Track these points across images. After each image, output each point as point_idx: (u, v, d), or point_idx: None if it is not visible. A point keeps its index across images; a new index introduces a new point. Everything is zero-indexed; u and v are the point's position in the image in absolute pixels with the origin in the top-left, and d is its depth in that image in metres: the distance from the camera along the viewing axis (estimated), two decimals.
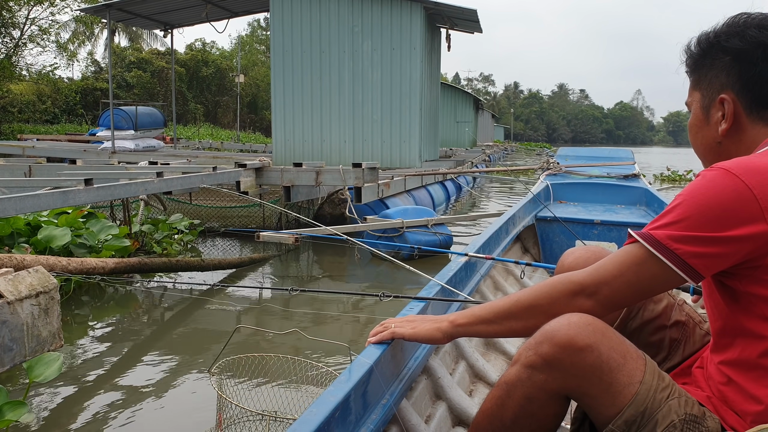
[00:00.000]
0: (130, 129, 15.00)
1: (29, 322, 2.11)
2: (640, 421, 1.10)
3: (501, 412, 1.23)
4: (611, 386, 1.12)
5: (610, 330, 1.16)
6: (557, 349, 1.13)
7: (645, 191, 5.06)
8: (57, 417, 2.90)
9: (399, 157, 11.37)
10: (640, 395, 1.11)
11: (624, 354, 1.14)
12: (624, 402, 1.11)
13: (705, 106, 1.23)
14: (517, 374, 1.20)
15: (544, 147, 51.70)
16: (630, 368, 1.13)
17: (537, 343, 1.17)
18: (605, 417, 1.14)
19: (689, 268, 1.07)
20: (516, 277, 3.71)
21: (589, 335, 1.13)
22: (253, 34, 51.13)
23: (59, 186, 5.01)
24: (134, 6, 12.19)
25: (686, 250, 1.07)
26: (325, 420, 1.20)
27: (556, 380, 1.15)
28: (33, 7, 22.19)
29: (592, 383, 1.13)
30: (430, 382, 1.98)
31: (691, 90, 1.27)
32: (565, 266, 1.65)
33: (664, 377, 1.17)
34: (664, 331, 1.49)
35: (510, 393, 1.21)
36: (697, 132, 1.26)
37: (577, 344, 1.12)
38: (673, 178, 18.82)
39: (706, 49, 1.22)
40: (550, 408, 1.20)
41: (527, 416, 1.21)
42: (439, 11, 11.56)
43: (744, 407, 1.13)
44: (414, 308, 1.92)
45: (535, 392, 1.18)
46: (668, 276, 1.10)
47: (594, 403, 1.15)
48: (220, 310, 4.72)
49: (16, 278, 2.11)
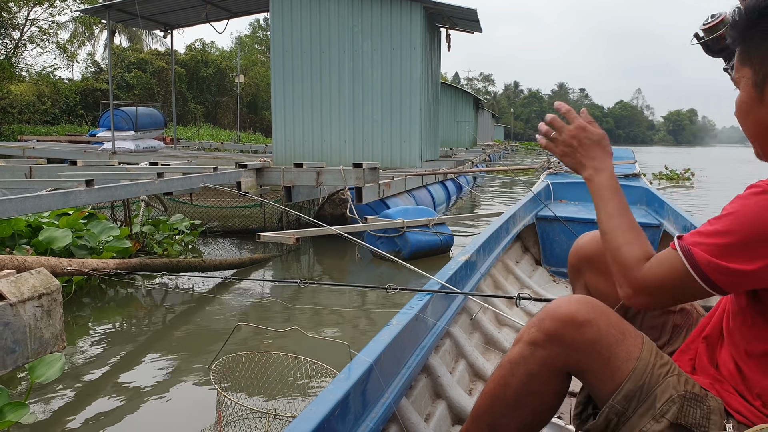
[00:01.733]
0: (130, 130, 15.00)
1: (32, 324, 2.11)
2: (639, 396, 1.13)
3: (504, 391, 1.26)
4: (610, 361, 1.15)
5: (609, 309, 1.22)
6: (558, 324, 1.18)
7: (645, 191, 5.05)
8: (58, 417, 2.91)
9: (399, 157, 11.37)
10: (638, 370, 1.14)
11: (623, 331, 1.18)
12: (622, 377, 1.14)
13: (758, 82, 1.08)
14: (519, 352, 1.24)
15: None
16: (628, 344, 1.17)
17: (539, 320, 1.22)
18: (605, 393, 1.17)
19: (716, 285, 1.06)
20: (516, 275, 3.71)
21: (589, 311, 1.18)
22: (253, 35, 51.13)
23: (60, 187, 5.01)
24: (134, 7, 12.19)
25: (716, 268, 1.04)
26: (324, 418, 1.21)
27: (558, 355, 1.19)
28: (33, 8, 22.20)
29: (591, 358, 1.16)
30: (430, 380, 1.99)
31: (738, 65, 1.12)
32: (578, 246, 1.70)
33: (663, 356, 1.19)
34: (668, 316, 1.51)
35: (513, 371, 1.24)
36: (749, 112, 1.12)
37: (578, 319, 1.17)
38: (671, 176, 18.82)
39: (756, 20, 1.07)
40: (552, 384, 1.23)
41: (529, 393, 1.23)
42: (439, 11, 11.56)
43: (753, 393, 1.13)
44: (418, 303, 1.93)
45: (538, 368, 1.21)
46: (699, 288, 1.08)
47: (594, 379, 1.19)
48: (221, 310, 4.73)
49: (18, 280, 2.11)
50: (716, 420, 1.12)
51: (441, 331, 2.14)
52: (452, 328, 2.34)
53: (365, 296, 5.04)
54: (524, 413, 1.25)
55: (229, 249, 7.20)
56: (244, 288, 5.36)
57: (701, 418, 1.11)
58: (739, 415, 1.13)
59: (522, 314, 3.04)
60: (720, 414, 1.12)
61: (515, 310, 3.04)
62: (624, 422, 1.15)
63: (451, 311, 2.33)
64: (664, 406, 1.12)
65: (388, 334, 1.66)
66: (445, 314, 2.26)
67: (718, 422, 1.12)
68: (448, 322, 2.26)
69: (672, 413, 1.11)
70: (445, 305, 2.28)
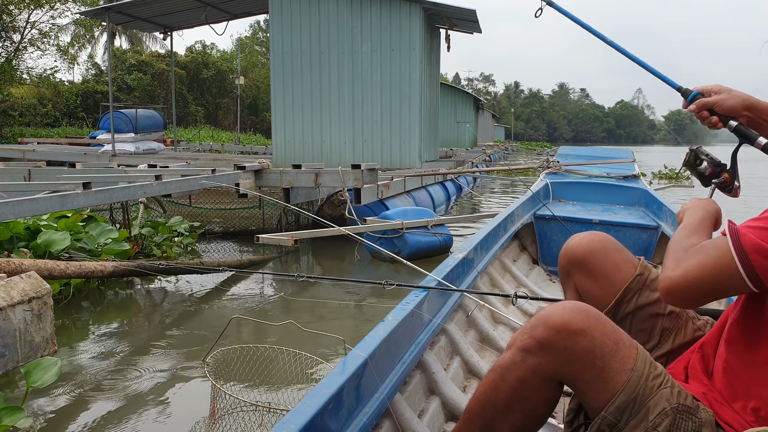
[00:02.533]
0: (131, 132, 15.01)
1: (21, 328, 2.11)
2: (632, 408, 1.11)
3: (494, 396, 1.25)
4: (603, 371, 1.13)
5: (604, 318, 1.19)
6: (551, 332, 1.16)
7: (644, 192, 5.06)
8: (55, 421, 2.91)
9: (399, 157, 11.38)
10: (632, 382, 1.12)
11: (617, 341, 1.16)
12: (616, 388, 1.12)
13: None
14: (511, 357, 1.22)
15: (545, 146, 51.67)
16: (623, 355, 1.14)
17: (532, 327, 1.20)
18: (598, 404, 1.15)
19: (755, 273, 1.03)
20: (513, 273, 3.71)
21: (583, 320, 1.15)
22: (253, 36, 51.16)
23: (58, 189, 5.02)
24: (133, 9, 12.21)
25: (761, 250, 1.02)
26: (318, 411, 1.21)
27: (549, 364, 1.17)
28: (33, 10, 22.23)
29: (585, 367, 1.14)
30: (425, 376, 1.99)
31: None
32: (569, 247, 1.68)
33: (657, 366, 1.17)
34: (657, 319, 1.50)
35: (504, 376, 1.23)
36: None
37: (571, 328, 1.14)
38: (670, 176, 18.80)
39: None
40: (543, 392, 1.21)
41: (520, 399, 1.22)
42: (438, 12, 11.57)
43: (749, 406, 1.12)
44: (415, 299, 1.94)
45: (529, 375, 1.19)
46: (737, 277, 1.05)
47: (587, 389, 1.16)
48: (218, 309, 4.74)
49: (8, 284, 2.12)
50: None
51: (436, 327, 2.15)
52: (448, 325, 2.35)
53: (362, 293, 5.05)
54: (515, 418, 1.24)
55: (228, 251, 7.21)
56: (244, 288, 5.37)
57: (692, 430, 1.10)
58: (729, 428, 1.12)
59: (518, 313, 3.05)
60: (711, 427, 1.11)
61: (511, 309, 3.04)
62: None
63: (447, 308, 2.34)
64: (656, 419, 1.10)
65: (384, 329, 1.66)
66: (441, 311, 2.26)
67: None
68: (443, 319, 2.26)
69: (664, 426, 1.10)
70: (441, 302, 2.29)
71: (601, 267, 1.59)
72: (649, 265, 1.61)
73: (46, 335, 2.27)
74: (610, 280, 1.57)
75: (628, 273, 1.57)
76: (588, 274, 1.61)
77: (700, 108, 1.44)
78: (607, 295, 1.56)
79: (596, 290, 1.58)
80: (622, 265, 1.59)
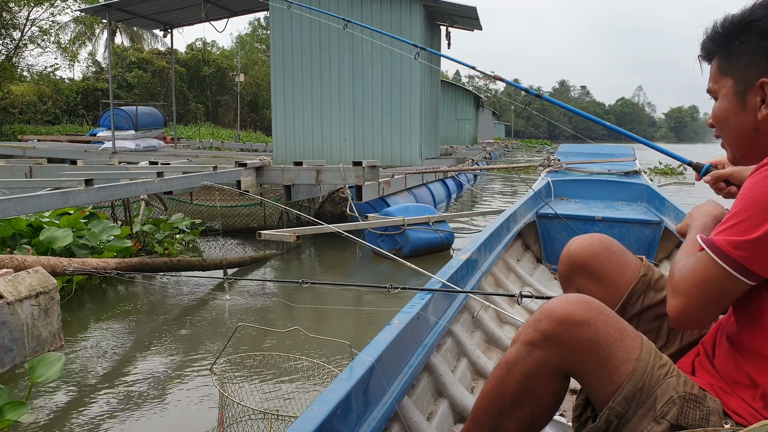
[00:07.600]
0: (131, 129, 15.00)
1: (29, 323, 2.11)
2: (639, 397, 1.12)
3: (501, 392, 1.24)
4: (609, 361, 1.13)
5: (607, 309, 1.19)
6: (555, 324, 1.16)
7: (646, 187, 5.05)
8: (59, 417, 2.91)
9: (399, 155, 11.36)
10: (638, 371, 1.12)
11: (621, 331, 1.16)
12: (622, 378, 1.12)
13: (740, 91, 1.15)
14: (516, 352, 1.22)
15: (546, 144, 51.67)
16: (627, 345, 1.15)
17: (536, 321, 1.20)
18: (604, 395, 1.15)
19: (742, 266, 1.05)
20: (517, 273, 3.70)
21: (587, 311, 1.16)
22: (253, 33, 51.08)
23: (59, 187, 5.01)
24: (133, 6, 12.19)
25: (736, 245, 1.04)
26: (326, 418, 1.20)
27: (554, 356, 1.17)
28: (33, 8, 22.18)
29: (590, 358, 1.14)
30: (432, 379, 1.98)
31: (717, 76, 1.20)
32: (570, 251, 1.66)
33: (662, 356, 1.18)
34: (663, 320, 1.49)
35: (510, 371, 1.23)
36: (729, 119, 1.19)
37: (575, 319, 1.15)
38: (665, 171, 18.80)
39: (735, 34, 1.14)
40: (550, 385, 1.21)
41: (527, 394, 1.22)
42: (439, 9, 11.55)
43: (756, 394, 1.12)
44: (420, 302, 1.92)
45: (535, 369, 1.20)
46: (730, 279, 1.07)
47: (592, 380, 1.17)
48: (222, 310, 4.72)
49: (15, 279, 2.11)
50: (715, 421, 1.11)
51: (442, 329, 2.13)
52: (454, 327, 2.33)
53: (366, 295, 5.04)
54: (523, 413, 1.24)
55: (229, 248, 7.20)
56: (246, 288, 5.36)
57: (700, 419, 1.10)
58: (737, 416, 1.11)
59: (523, 312, 3.04)
60: (718, 415, 1.11)
61: (517, 308, 3.03)
62: (624, 424, 1.13)
63: (453, 310, 2.32)
64: (664, 407, 1.11)
65: (390, 333, 1.65)
66: (447, 313, 2.25)
67: (717, 423, 1.11)
68: (449, 321, 2.25)
69: (672, 414, 1.10)
70: (446, 304, 2.28)
71: (603, 270, 1.58)
72: (651, 265, 1.60)
73: (53, 330, 2.26)
74: (613, 283, 1.56)
75: (631, 274, 1.55)
76: (591, 278, 1.59)
77: (716, 180, 1.54)
78: (612, 298, 1.54)
79: (600, 294, 1.56)
80: (625, 266, 1.58)
